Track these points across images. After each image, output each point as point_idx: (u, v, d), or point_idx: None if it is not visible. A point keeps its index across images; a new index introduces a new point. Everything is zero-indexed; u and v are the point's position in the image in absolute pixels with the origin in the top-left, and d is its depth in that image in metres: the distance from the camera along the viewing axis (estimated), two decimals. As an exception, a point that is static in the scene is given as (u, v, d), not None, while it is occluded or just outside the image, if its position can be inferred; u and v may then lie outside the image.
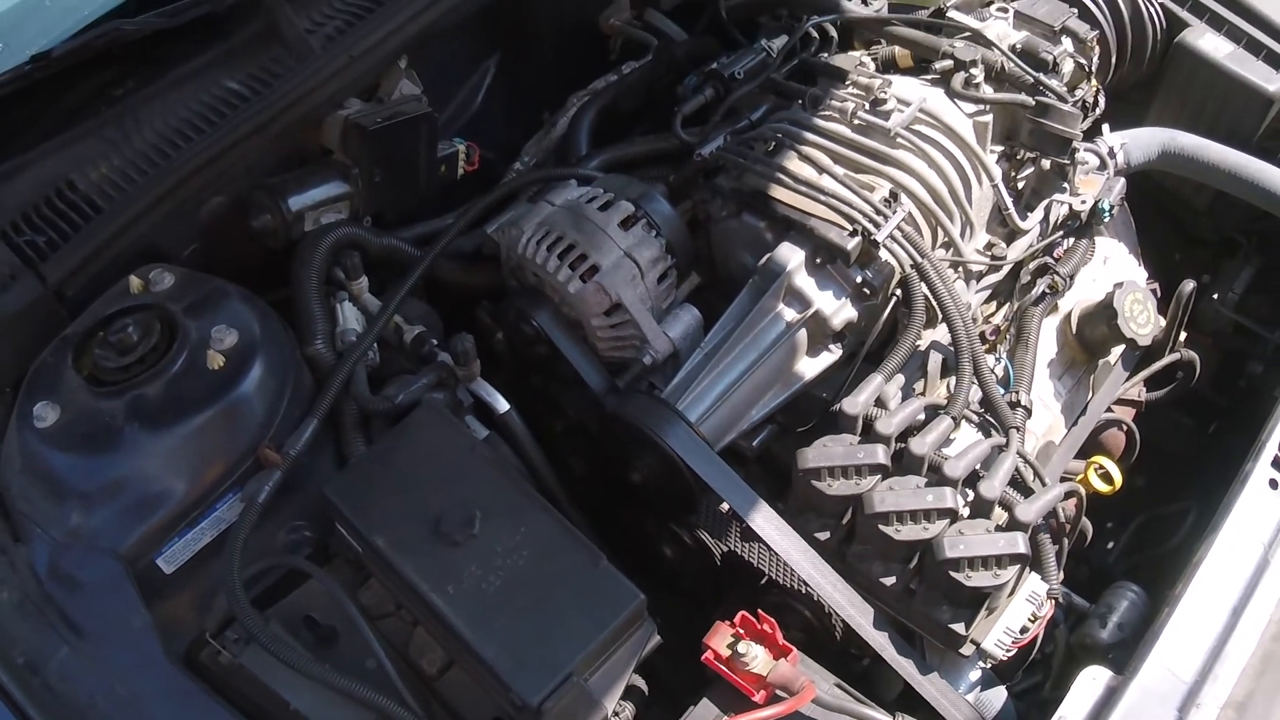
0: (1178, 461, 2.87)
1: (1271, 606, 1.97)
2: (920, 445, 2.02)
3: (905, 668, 1.98)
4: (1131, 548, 2.86)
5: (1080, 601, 2.20)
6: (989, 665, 2.06)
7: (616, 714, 1.92)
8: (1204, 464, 2.76)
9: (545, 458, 2.20)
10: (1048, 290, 2.34)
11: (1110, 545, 2.90)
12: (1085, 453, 2.43)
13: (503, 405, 2.16)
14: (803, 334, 2.19)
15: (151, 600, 1.86)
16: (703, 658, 1.87)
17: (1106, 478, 2.33)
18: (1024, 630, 1.99)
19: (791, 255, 2.18)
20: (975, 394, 2.18)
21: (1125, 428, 2.53)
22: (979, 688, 2.08)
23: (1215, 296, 2.86)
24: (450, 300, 2.40)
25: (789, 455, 2.09)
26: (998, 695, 2.09)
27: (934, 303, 2.16)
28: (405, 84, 2.46)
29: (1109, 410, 2.50)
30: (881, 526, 1.96)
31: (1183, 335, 2.63)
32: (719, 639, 1.88)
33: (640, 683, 1.98)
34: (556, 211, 2.27)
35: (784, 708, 1.80)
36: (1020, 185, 2.47)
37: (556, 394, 2.30)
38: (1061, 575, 2.09)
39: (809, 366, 2.22)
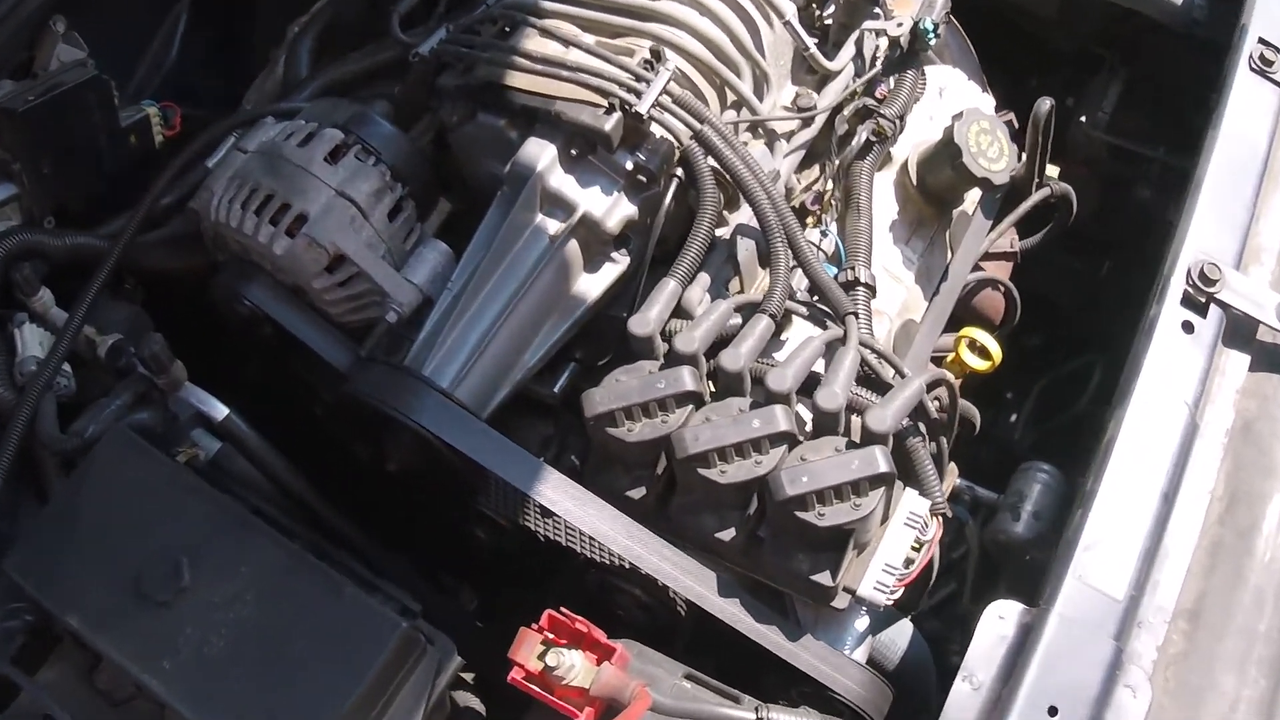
0: (1072, 312, 2.59)
1: (1210, 480, 1.67)
2: (732, 359, 1.62)
3: (769, 638, 1.62)
4: (1036, 418, 2.60)
5: (986, 493, 2.01)
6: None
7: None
8: (1102, 309, 2.50)
9: (285, 461, 1.78)
10: (873, 138, 1.93)
11: (1013, 418, 2.63)
12: (957, 324, 2.03)
13: (220, 410, 1.74)
14: (573, 246, 1.79)
15: None
16: (509, 678, 1.51)
17: (982, 351, 1.94)
18: (909, 562, 1.64)
19: (540, 151, 1.77)
20: (802, 282, 1.79)
21: (1001, 287, 2.12)
22: (871, 634, 1.74)
23: (1084, 119, 2.57)
24: (183, 295, 1.98)
25: None
26: (902, 632, 1.80)
27: (727, 176, 1.73)
28: (65, 49, 2.06)
29: (978, 269, 2.10)
30: (701, 470, 1.58)
31: (1054, 170, 2.23)
32: (526, 650, 1.52)
33: (475, 703, 1.79)
34: (249, 159, 1.83)
35: (610, 734, 1.41)
36: (826, 22, 2.05)
37: (307, 375, 1.87)
38: (950, 481, 1.83)
39: (590, 285, 1.82)
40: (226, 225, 1.76)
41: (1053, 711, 1.42)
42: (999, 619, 1.51)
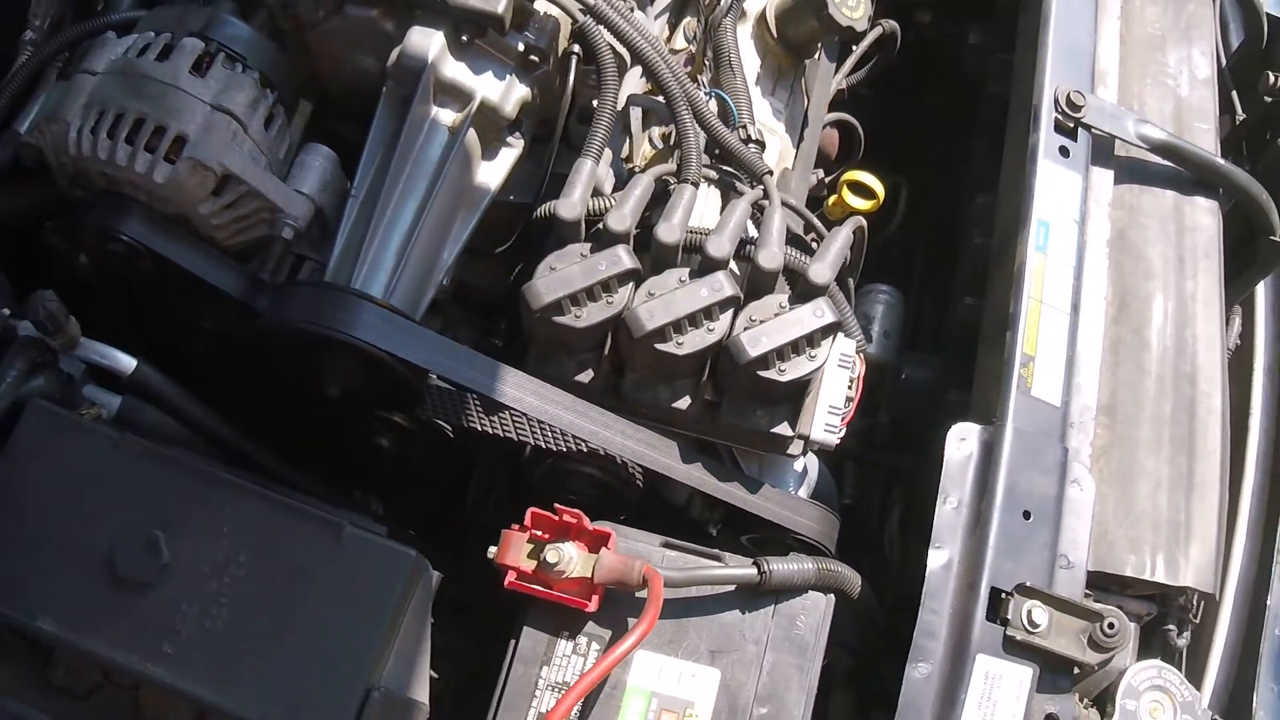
0: (918, 144, 2.57)
1: (1102, 286, 1.80)
2: (668, 230, 1.62)
3: (734, 494, 1.68)
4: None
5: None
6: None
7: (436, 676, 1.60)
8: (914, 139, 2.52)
9: (201, 404, 1.65)
10: (734, -7, 1.92)
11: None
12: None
13: (128, 362, 1.59)
14: (472, 135, 1.72)
15: None
16: (505, 584, 1.50)
17: (866, 192, 1.99)
18: (848, 400, 1.71)
19: (427, 40, 1.69)
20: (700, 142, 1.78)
21: (836, 124, 2.18)
22: (806, 478, 1.82)
23: None
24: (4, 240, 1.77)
25: (490, 283, 1.82)
26: (813, 467, 1.87)
27: (620, 47, 1.71)
28: None
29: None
30: (659, 346, 1.59)
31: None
32: (514, 552, 1.51)
33: None
34: (103, 80, 1.63)
35: (649, 620, 1.44)
36: None
37: (183, 310, 1.73)
38: (863, 337, 1.85)
39: (491, 173, 1.78)
40: (92, 158, 1.58)
41: (1027, 515, 1.55)
42: (961, 440, 1.61)
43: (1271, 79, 2.11)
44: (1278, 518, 1.96)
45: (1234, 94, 2.19)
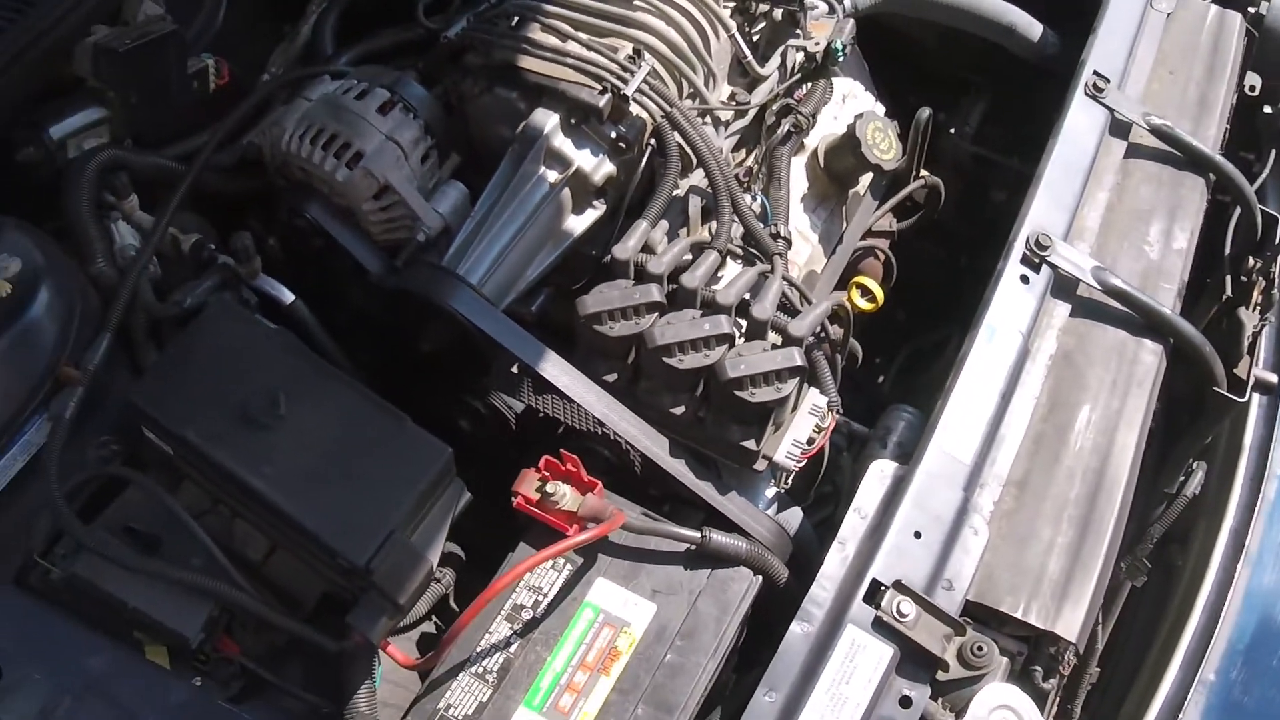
0: (933, 294, 3.00)
1: (1036, 390, 2.10)
2: (691, 279, 2.12)
3: (705, 490, 2.08)
4: (901, 377, 3.04)
5: (860, 429, 2.30)
6: (784, 482, 2.16)
7: (439, 579, 2.00)
8: (959, 294, 2.83)
9: (337, 345, 2.22)
10: (793, 129, 2.46)
11: (880, 379, 3.10)
12: (846, 283, 2.56)
13: (289, 296, 2.18)
14: (566, 193, 2.27)
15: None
16: (514, 504, 1.93)
17: (869, 295, 2.45)
18: (811, 441, 2.11)
19: (546, 119, 2.26)
20: (737, 231, 2.30)
21: (881, 254, 2.67)
22: (775, 506, 2.19)
23: (953, 131, 3.02)
24: (219, 214, 2.39)
25: (566, 316, 2.17)
26: (794, 515, 2.20)
27: (688, 148, 2.26)
28: (148, 5, 2.45)
29: (865, 239, 2.64)
30: (665, 359, 2.05)
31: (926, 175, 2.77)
32: (527, 484, 1.93)
33: (458, 550, 2.08)
34: (315, 105, 2.29)
35: (593, 534, 1.88)
36: (756, 37, 2.59)
37: (336, 287, 2.32)
38: (839, 399, 2.21)
39: (575, 223, 2.31)
40: (296, 156, 2.21)
41: (917, 534, 1.85)
42: (881, 473, 1.95)
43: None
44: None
45: (1227, 278, 2.47)
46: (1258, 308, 2.34)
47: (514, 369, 2.15)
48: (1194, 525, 2.37)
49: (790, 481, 2.16)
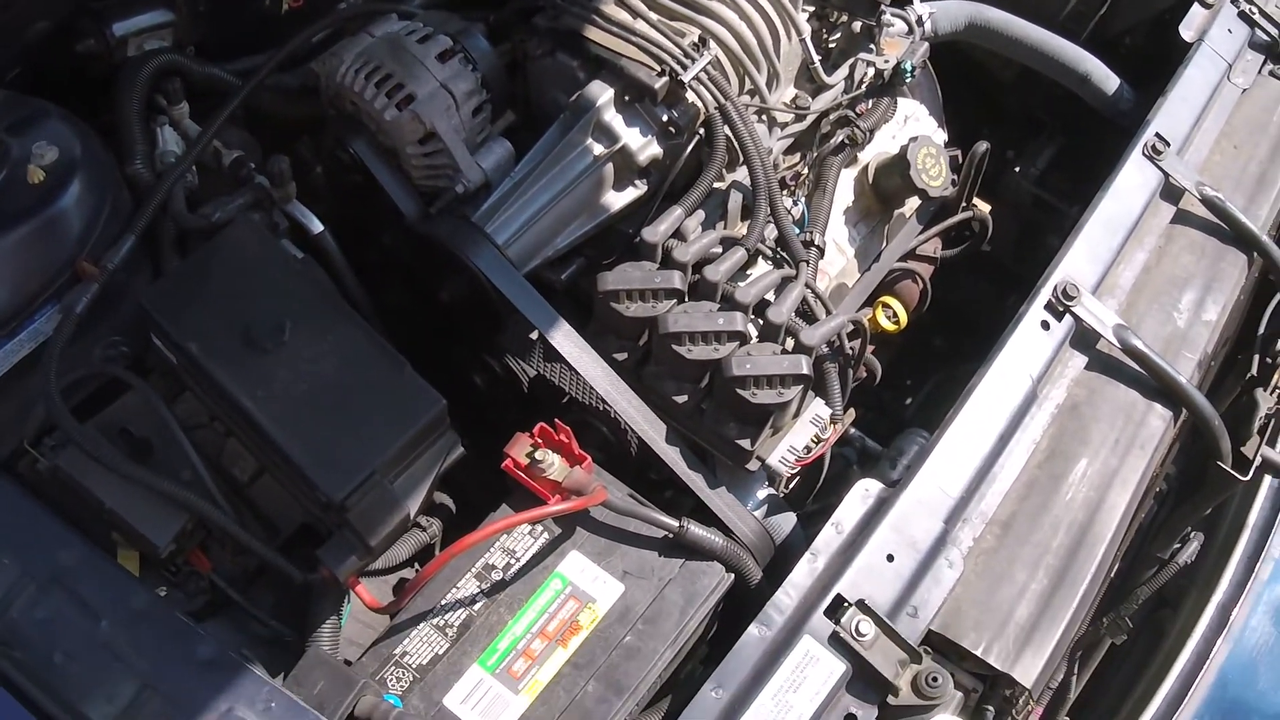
0: (975, 327, 2.90)
1: (1037, 435, 2.10)
2: (714, 272, 2.14)
3: (695, 481, 2.09)
4: (928, 403, 3.03)
5: (874, 446, 2.31)
6: (779, 487, 2.16)
7: (424, 528, 2.01)
8: (1000, 330, 2.90)
9: (358, 281, 2.26)
10: (847, 141, 2.47)
11: (909, 401, 3.10)
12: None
13: (317, 226, 2.21)
14: (609, 168, 2.28)
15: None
16: (502, 465, 1.94)
17: (893, 317, 2.45)
18: (808, 450, 2.11)
19: (601, 92, 2.27)
20: (770, 232, 2.30)
21: (918, 280, 2.66)
22: (766, 507, 2.19)
23: (1018, 170, 3.03)
24: (273, 135, 2.42)
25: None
26: (787, 520, 2.20)
27: (735, 144, 2.26)
28: None
29: (904, 261, 2.64)
30: (675, 346, 2.06)
31: (985, 206, 2.75)
32: (518, 448, 1.95)
33: (448, 501, 2.09)
34: (376, 42, 2.31)
35: (572, 505, 1.90)
36: (830, 45, 2.59)
37: (371, 224, 2.35)
38: (851, 413, 2.20)
39: (614, 199, 2.32)
40: (350, 89, 2.23)
41: (890, 558, 1.87)
42: (865, 491, 1.96)
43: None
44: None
45: (1255, 358, 2.44)
46: (1276, 391, 2.32)
47: (532, 335, 2.17)
48: (1186, 593, 2.37)
49: (789, 487, 2.17)
